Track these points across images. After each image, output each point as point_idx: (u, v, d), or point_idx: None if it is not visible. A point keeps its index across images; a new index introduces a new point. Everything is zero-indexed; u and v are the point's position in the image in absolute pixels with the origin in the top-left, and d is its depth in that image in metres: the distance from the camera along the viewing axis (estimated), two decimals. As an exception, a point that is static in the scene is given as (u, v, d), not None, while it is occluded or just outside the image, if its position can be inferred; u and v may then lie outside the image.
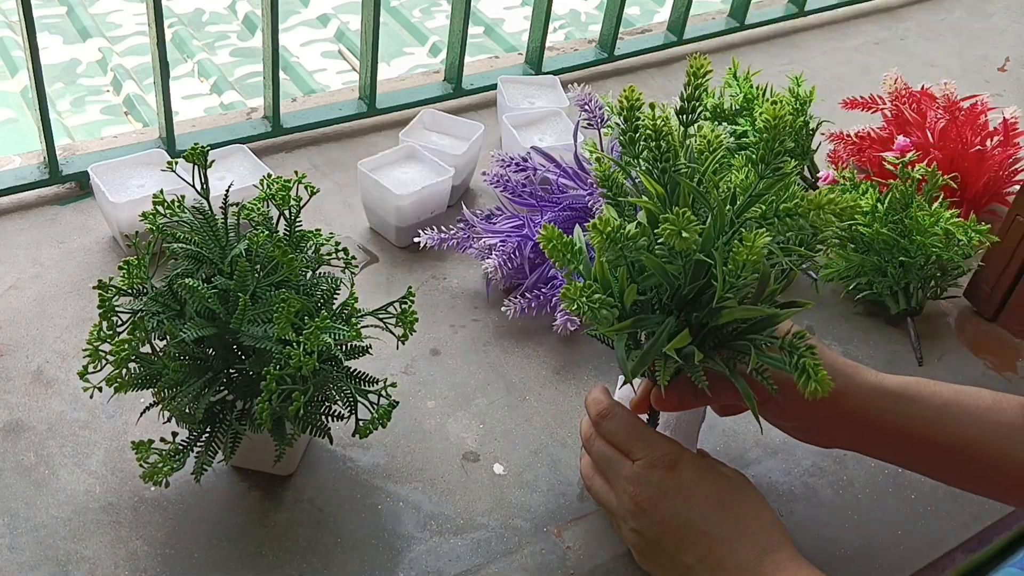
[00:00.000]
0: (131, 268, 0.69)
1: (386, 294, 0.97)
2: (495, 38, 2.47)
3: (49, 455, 0.79)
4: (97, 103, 2.13)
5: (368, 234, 1.05)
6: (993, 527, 0.82)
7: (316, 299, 0.73)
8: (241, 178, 1.00)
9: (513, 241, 0.94)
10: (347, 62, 2.36)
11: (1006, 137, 1.12)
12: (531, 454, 0.84)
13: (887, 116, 1.17)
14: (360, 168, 1.00)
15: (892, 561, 0.79)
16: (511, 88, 1.19)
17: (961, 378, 0.96)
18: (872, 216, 0.97)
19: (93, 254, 0.98)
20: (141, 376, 0.69)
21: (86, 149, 1.09)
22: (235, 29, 2.46)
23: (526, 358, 0.93)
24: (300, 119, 1.17)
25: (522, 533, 0.78)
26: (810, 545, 0.79)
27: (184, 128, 1.13)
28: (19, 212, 1.02)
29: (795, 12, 1.54)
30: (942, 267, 0.98)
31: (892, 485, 0.84)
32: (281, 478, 0.79)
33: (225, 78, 2.22)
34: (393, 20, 2.53)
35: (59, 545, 0.73)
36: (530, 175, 0.99)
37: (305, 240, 0.74)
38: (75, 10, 2.43)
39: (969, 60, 1.53)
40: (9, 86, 2.15)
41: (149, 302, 0.69)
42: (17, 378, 0.85)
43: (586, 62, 1.36)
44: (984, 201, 1.11)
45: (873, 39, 1.56)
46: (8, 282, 0.94)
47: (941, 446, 0.70)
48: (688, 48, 1.44)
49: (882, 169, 1.04)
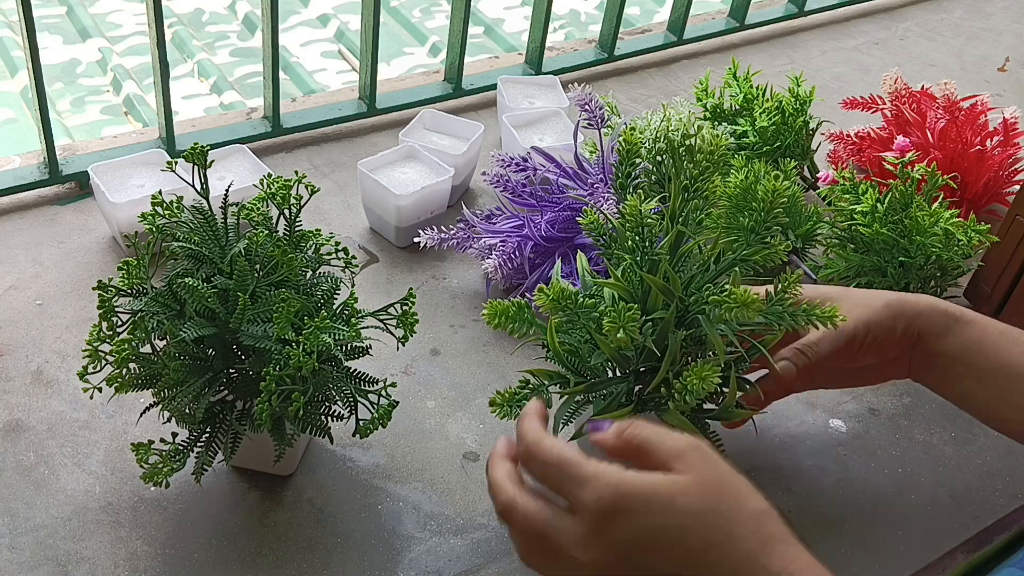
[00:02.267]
0: (130, 268, 0.69)
1: (386, 294, 0.97)
2: (495, 38, 2.47)
3: (49, 455, 0.79)
4: (97, 103, 2.14)
5: (368, 234, 1.05)
6: (993, 527, 0.82)
7: (316, 299, 0.73)
8: (241, 178, 1.00)
9: (513, 241, 0.94)
10: (347, 62, 2.36)
11: (1006, 137, 1.12)
12: (531, 454, 0.84)
13: (887, 116, 1.17)
14: (360, 168, 1.00)
15: (892, 561, 0.79)
16: (511, 88, 1.19)
17: (961, 378, 0.97)
18: (872, 216, 0.97)
19: (93, 254, 0.98)
20: (141, 376, 0.69)
21: (86, 149, 1.09)
22: (235, 29, 2.46)
23: (526, 358, 0.93)
24: (300, 119, 1.17)
25: (522, 533, 0.78)
26: (810, 545, 0.79)
27: (184, 128, 1.13)
28: (19, 212, 1.02)
29: (795, 12, 1.54)
30: (942, 267, 0.98)
31: (892, 485, 0.84)
32: (281, 478, 0.79)
33: (225, 78, 2.22)
34: (393, 20, 2.53)
35: (59, 545, 0.73)
36: (530, 175, 0.99)
37: (305, 240, 0.74)
38: (75, 10, 2.43)
39: (969, 60, 1.53)
40: (9, 86, 2.15)
41: (149, 302, 0.69)
42: (17, 378, 0.85)
43: (586, 62, 1.36)
44: (984, 201, 1.11)
45: (873, 39, 1.56)
46: (8, 282, 0.94)
47: (988, 370, 0.74)
48: (688, 48, 1.45)
49: (882, 169, 1.04)
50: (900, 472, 0.86)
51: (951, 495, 0.84)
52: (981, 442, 0.89)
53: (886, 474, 0.85)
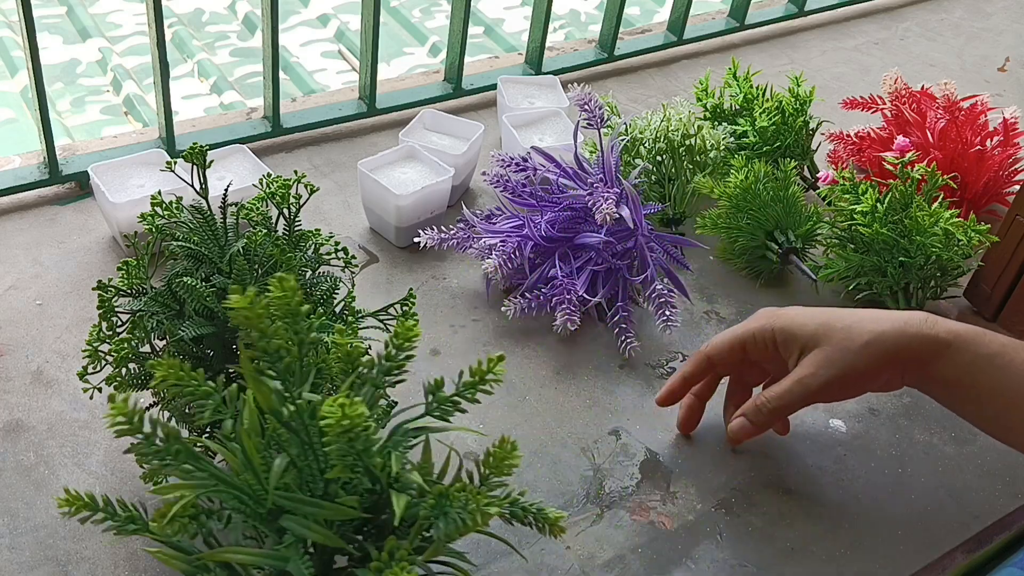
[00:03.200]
0: (130, 268, 0.69)
1: (386, 294, 0.97)
2: (495, 38, 2.47)
3: (49, 455, 0.79)
4: (97, 103, 2.13)
5: (368, 234, 1.05)
6: (993, 527, 0.82)
7: (315, 299, 0.73)
8: (241, 178, 1.00)
9: (513, 241, 0.94)
10: (347, 62, 2.36)
11: (1006, 137, 1.12)
12: (531, 454, 0.84)
13: (887, 116, 1.17)
14: (360, 168, 1.00)
15: (892, 561, 0.79)
16: (511, 88, 1.19)
17: (961, 378, 0.96)
18: (872, 216, 0.97)
19: (93, 254, 0.98)
20: (140, 376, 0.69)
21: (86, 149, 1.09)
22: (235, 29, 2.46)
23: (526, 358, 0.93)
24: (300, 119, 1.17)
25: (522, 533, 0.78)
26: (810, 545, 0.79)
27: (184, 128, 1.13)
28: (19, 212, 1.02)
29: (795, 12, 1.54)
30: (942, 267, 0.98)
31: (892, 485, 0.84)
32: (281, 478, 0.79)
33: (225, 78, 2.22)
34: (393, 20, 2.53)
35: (59, 545, 0.73)
36: (530, 175, 0.99)
37: (304, 240, 0.74)
38: (75, 10, 2.43)
39: (969, 60, 1.53)
40: (9, 86, 2.15)
41: (148, 302, 0.69)
42: (17, 378, 0.85)
43: (586, 62, 1.36)
44: (984, 201, 1.11)
45: (873, 39, 1.56)
46: (8, 282, 0.94)
47: (986, 392, 0.73)
48: (688, 48, 1.45)
49: (882, 169, 1.04)
50: (900, 472, 0.86)
51: (951, 495, 0.84)
52: (981, 442, 0.89)
53: (886, 474, 0.85)
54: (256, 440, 0.56)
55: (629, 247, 0.95)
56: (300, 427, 0.56)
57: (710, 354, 0.82)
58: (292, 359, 0.56)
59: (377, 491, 0.58)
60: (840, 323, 0.76)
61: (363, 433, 0.52)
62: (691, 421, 0.86)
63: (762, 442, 0.87)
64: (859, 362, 0.75)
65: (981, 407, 0.76)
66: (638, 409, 0.89)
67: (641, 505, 0.81)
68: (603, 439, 0.86)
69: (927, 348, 0.74)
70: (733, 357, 0.81)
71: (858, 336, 0.75)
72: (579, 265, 0.95)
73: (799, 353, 0.77)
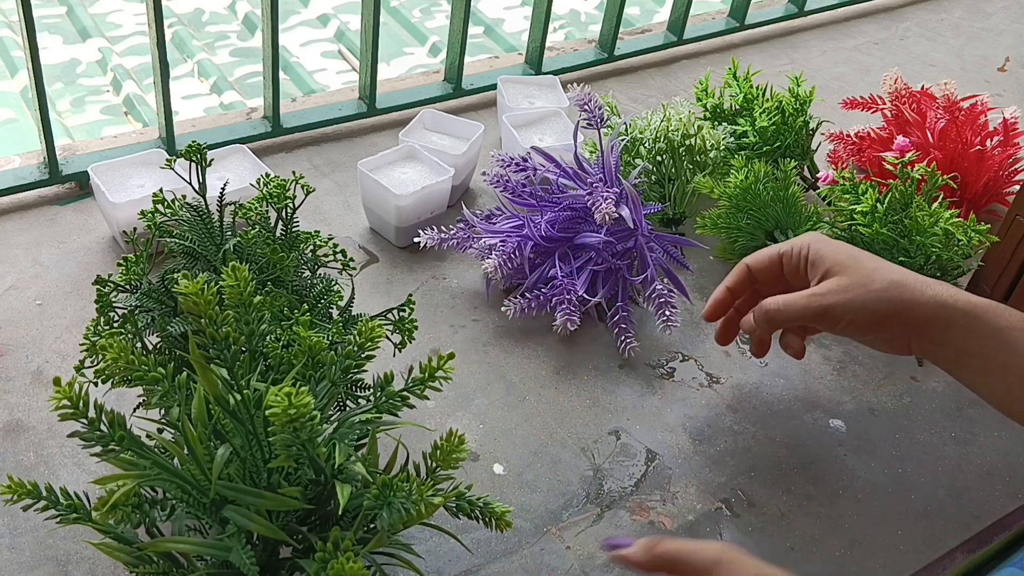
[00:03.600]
0: (129, 264, 0.69)
1: (386, 294, 0.97)
2: (495, 38, 2.47)
3: (49, 455, 0.79)
4: (97, 103, 2.14)
5: (368, 234, 1.05)
6: (993, 527, 0.82)
7: (310, 300, 0.73)
8: (241, 178, 1.00)
9: (513, 241, 0.94)
10: (347, 62, 2.36)
11: (1006, 137, 1.12)
12: (531, 454, 0.84)
13: (887, 116, 1.17)
14: (360, 168, 1.00)
15: (892, 561, 0.79)
16: (511, 88, 1.19)
17: (961, 378, 0.96)
18: (872, 216, 0.97)
19: (93, 254, 0.98)
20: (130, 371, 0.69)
21: (86, 149, 1.09)
22: (235, 29, 2.46)
23: (526, 358, 0.93)
24: (300, 119, 1.17)
25: (522, 533, 0.78)
26: (810, 545, 0.79)
27: (184, 128, 1.13)
28: (19, 212, 1.02)
29: (795, 12, 1.54)
30: (942, 267, 0.98)
31: (892, 485, 0.84)
32: (281, 478, 0.79)
33: (225, 78, 2.22)
34: (393, 20, 2.53)
35: (59, 545, 0.73)
36: (530, 175, 0.99)
37: (302, 241, 0.74)
38: (75, 10, 2.44)
39: (969, 60, 1.53)
40: (9, 86, 2.15)
41: (142, 297, 0.69)
42: (17, 378, 0.85)
43: (586, 62, 1.36)
44: (984, 201, 1.11)
45: (873, 39, 1.56)
46: (8, 282, 0.94)
47: (997, 365, 0.72)
48: (688, 48, 1.45)
49: (882, 169, 1.04)
50: (900, 472, 0.86)
51: (951, 495, 0.84)
52: (981, 442, 0.89)
53: (886, 474, 0.85)
54: (202, 430, 0.56)
55: (629, 247, 0.95)
56: (246, 416, 0.56)
57: (750, 263, 0.83)
58: (239, 348, 0.56)
59: (321, 482, 0.58)
60: (870, 262, 0.77)
61: (308, 423, 0.52)
62: (729, 333, 0.87)
63: (762, 442, 0.87)
64: (871, 302, 0.75)
65: (992, 380, 0.75)
66: (638, 409, 0.89)
67: (641, 505, 0.81)
68: (603, 439, 0.86)
69: (942, 313, 0.74)
70: (771, 269, 0.82)
71: (880, 278, 0.75)
72: (579, 265, 0.95)
73: (822, 276, 0.78)
